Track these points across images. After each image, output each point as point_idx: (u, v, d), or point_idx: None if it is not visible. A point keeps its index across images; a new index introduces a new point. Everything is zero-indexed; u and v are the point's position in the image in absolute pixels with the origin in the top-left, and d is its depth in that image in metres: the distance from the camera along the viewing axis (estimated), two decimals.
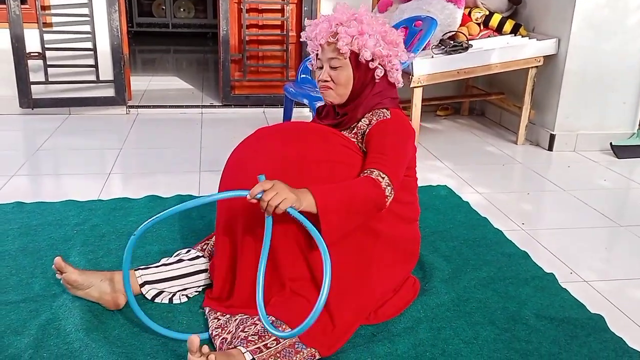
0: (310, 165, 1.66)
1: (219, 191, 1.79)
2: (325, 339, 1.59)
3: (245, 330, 1.56)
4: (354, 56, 1.72)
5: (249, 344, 1.50)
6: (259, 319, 1.54)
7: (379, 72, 1.76)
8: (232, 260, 1.73)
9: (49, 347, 1.58)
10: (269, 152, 1.70)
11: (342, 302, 1.65)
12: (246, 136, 1.83)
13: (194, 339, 1.36)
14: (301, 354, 1.53)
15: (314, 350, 1.55)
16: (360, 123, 1.79)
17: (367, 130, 1.76)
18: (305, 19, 1.84)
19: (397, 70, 1.79)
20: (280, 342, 1.51)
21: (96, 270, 1.86)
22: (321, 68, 1.78)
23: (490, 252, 2.23)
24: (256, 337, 1.52)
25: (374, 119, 1.77)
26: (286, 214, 1.48)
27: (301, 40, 1.88)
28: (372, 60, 1.73)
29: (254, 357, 1.47)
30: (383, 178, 1.62)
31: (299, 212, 1.48)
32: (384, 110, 1.78)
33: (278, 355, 1.50)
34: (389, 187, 1.63)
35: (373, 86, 1.78)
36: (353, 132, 1.80)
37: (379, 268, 1.79)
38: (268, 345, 1.50)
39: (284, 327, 1.54)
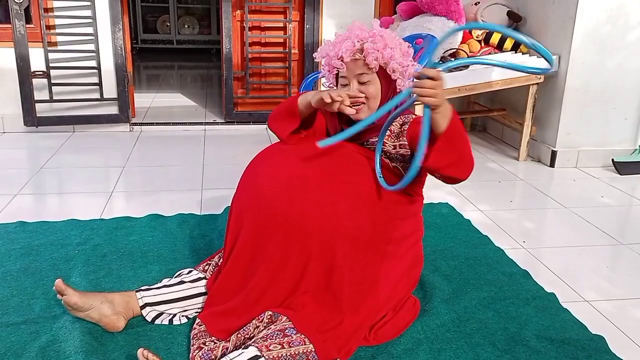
0: (331, 185, 1.69)
1: (232, 206, 1.83)
2: (320, 335, 1.61)
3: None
4: (381, 69, 1.80)
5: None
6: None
7: (400, 82, 1.84)
8: (246, 269, 1.73)
9: None
10: (288, 171, 1.73)
11: (345, 309, 1.69)
12: (248, 153, 1.89)
13: (138, 353, 1.45)
14: (289, 337, 1.57)
15: (304, 337, 1.58)
16: (391, 126, 1.84)
17: (406, 127, 1.80)
18: (325, 39, 1.88)
19: (406, 77, 1.87)
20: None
21: (97, 292, 1.86)
22: (345, 85, 1.82)
23: (491, 272, 2.23)
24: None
25: (405, 119, 1.83)
26: None
27: (315, 60, 1.91)
28: (394, 71, 1.81)
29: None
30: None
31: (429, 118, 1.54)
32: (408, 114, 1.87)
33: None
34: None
35: (394, 96, 1.86)
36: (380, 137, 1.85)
37: (381, 288, 1.79)
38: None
39: (281, 318, 1.62)
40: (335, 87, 1.90)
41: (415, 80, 1.53)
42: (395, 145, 1.81)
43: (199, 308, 1.86)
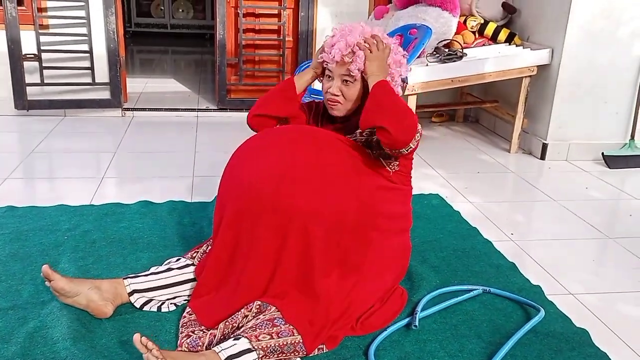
0: (318, 169, 1.71)
1: (219, 194, 1.83)
2: (308, 325, 1.63)
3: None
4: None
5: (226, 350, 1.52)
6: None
7: None
8: (232, 252, 1.74)
9: (36, 355, 1.58)
10: (273, 155, 1.75)
11: (327, 295, 1.69)
12: (241, 140, 1.89)
13: (135, 338, 1.41)
14: (278, 327, 1.58)
15: (292, 327, 1.59)
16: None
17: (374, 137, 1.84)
18: (333, 28, 1.92)
19: (397, 85, 1.92)
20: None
21: (85, 278, 1.86)
22: (331, 79, 1.88)
23: (478, 263, 2.25)
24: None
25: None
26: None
27: (322, 46, 1.93)
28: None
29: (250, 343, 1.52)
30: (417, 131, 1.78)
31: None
32: None
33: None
34: (417, 137, 1.78)
35: None
36: (357, 134, 1.89)
37: (367, 276, 1.81)
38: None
39: (270, 308, 1.63)
40: (320, 78, 1.98)
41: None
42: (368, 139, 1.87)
43: (187, 295, 1.87)
